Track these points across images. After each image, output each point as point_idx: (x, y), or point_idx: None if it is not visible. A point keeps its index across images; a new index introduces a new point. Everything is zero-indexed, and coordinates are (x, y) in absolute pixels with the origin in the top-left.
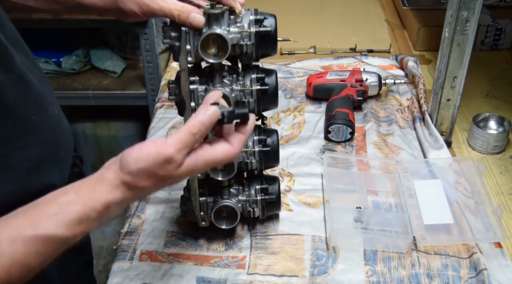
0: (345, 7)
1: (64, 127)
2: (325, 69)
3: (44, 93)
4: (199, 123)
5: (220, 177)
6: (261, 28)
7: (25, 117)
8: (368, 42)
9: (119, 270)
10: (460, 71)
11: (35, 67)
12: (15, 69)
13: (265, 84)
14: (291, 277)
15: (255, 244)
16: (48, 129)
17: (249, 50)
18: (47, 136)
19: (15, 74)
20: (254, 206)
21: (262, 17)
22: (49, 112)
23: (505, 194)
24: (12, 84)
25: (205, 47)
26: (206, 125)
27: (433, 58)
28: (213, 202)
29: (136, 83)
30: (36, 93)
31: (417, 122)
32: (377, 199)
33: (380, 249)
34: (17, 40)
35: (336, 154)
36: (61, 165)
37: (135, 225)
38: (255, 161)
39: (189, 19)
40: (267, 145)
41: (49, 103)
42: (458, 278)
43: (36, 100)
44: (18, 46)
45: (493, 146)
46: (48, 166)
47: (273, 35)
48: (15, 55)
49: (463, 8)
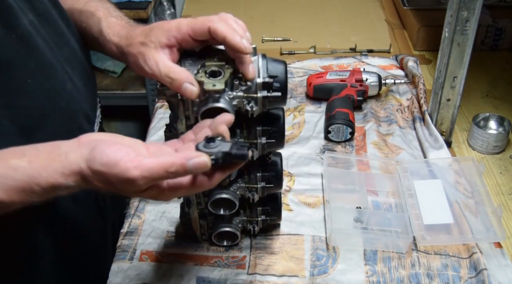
0: (345, 7)
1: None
2: (325, 69)
3: (55, 65)
4: (180, 166)
5: (221, 212)
6: (270, 93)
7: (17, 78)
8: (368, 42)
9: (119, 270)
10: (460, 71)
11: (64, 45)
12: (18, 29)
13: (272, 136)
14: (291, 277)
15: (255, 244)
16: (45, 98)
17: (255, 113)
18: (41, 104)
19: (16, 33)
20: (255, 224)
21: (271, 80)
22: (53, 83)
23: (505, 194)
24: (10, 42)
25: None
26: (188, 171)
27: (433, 58)
28: (213, 224)
29: (136, 83)
30: (42, 60)
31: (417, 122)
32: (377, 199)
33: (380, 249)
34: (49, 15)
35: (336, 154)
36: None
37: (135, 225)
38: (257, 196)
39: (181, 90)
40: (271, 181)
41: (59, 75)
42: (458, 278)
43: (38, 66)
44: (47, 20)
45: (493, 146)
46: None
47: (283, 94)
48: (22, 16)
49: (463, 8)
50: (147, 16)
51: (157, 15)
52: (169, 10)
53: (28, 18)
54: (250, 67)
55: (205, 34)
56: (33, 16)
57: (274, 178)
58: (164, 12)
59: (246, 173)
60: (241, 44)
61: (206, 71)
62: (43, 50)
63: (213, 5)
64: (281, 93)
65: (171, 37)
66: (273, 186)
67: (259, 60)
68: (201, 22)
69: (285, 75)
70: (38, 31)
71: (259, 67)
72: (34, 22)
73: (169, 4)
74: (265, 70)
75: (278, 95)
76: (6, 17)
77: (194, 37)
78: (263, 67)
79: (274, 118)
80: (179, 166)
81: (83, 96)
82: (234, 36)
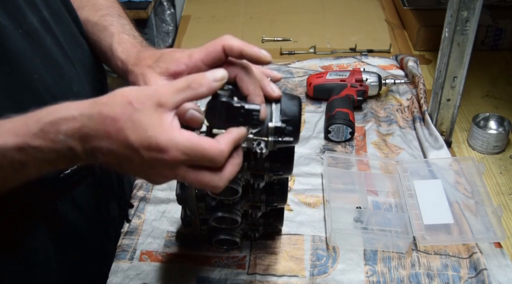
0: (345, 7)
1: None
2: (325, 69)
3: (63, 65)
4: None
5: (223, 226)
6: (282, 138)
7: (23, 72)
8: (368, 42)
9: (119, 270)
10: (460, 71)
11: (77, 46)
12: (24, 24)
13: (280, 169)
14: (291, 277)
15: (255, 244)
16: (49, 96)
17: (264, 155)
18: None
19: (22, 29)
20: (256, 232)
21: (283, 125)
22: (59, 82)
23: (505, 194)
24: (17, 35)
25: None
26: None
27: (433, 58)
28: (213, 229)
29: None
30: (49, 58)
31: (417, 122)
32: (377, 199)
33: (380, 249)
34: (63, 16)
35: (336, 154)
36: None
37: (135, 225)
38: (260, 213)
39: (185, 117)
40: (276, 200)
41: (66, 76)
42: (458, 278)
43: (44, 64)
44: (61, 22)
45: (493, 146)
46: None
47: (296, 139)
48: (29, 12)
49: (463, 8)
50: (147, 16)
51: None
52: (169, 10)
53: (41, 15)
54: (272, 86)
55: (220, 55)
56: (48, 13)
57: (280, 198)
58: (164, 12)
59: (251, 192)
60: (260, 53)
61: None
62: (51, 48)
63: (213, 5)
64: (293, 138)
65: (181, 63)
66: (277, 204)
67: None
68: (213, 43)
69: (299, 117)
70: (49, 29)
71: (272, 110)
72: (46, 20)
73: (169, 4)
74: (278, 113)
75: (290, 140)
76: (12, 11)
77: (207, 61)
78: (276, 109)
79: (284, 154)
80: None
81: (82, 83)
82: (251, 47)
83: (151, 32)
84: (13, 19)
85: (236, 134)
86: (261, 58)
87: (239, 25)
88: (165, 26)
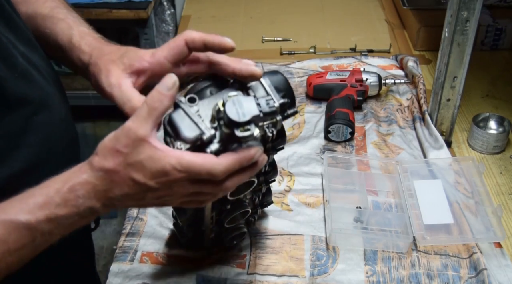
0: (345, 7)
1: (69, 133)
2: (325, 69)
3: (52, 94)
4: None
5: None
6: (288, 112)
7: (25, 116)
8: (368, 42)
9: (119, 271)
10: (460, 71)
11: (49, 68)
12: (18, 67)
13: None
14: (291, 277)
15: (255, 244)
16: (49, 132)
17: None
18: (47, 139)
19: (18, 72)
20: (256, 215)
21: (286, 100)
22: (54, 114)
23: (505, 194)
24: (14, 82)
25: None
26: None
27: (433, 58)
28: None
29: None
30: (42, 93)
31: (417, 122)
32: (377, 199)
33: (380, 249)
34: (32, 42)
35: (336, 154)
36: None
37: (137, 227)
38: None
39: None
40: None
41: (57, 106)
42: (458, 278)
43: (40, 101)
44: (32, 48)
45: (493, 146)
46: (43, 169)
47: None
48: (17, 54)
49: (463, 8)
50: (147, 16)
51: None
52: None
53: (20, 51)
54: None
55: (182, 49)
56: (22, 47)
57: (274, 171)
58: (164, 12)
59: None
60: (223, 40)
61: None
62: (40, 82)
63: (213, 5)
64: (295, 108)
65: (145, 61)
66: (274, 178)
67: (266, 81)
68: (175, 39)
69: (288, 85)
70: (30, 62)
71: (269, 91)
72: (25, 54)
73: (169, 4)
74: (274, 90)
75: (296, 111)
76: (5, 57)
77: (170, 57)
78: (271, 88)
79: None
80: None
81: (69, 113)
82: (212, 36)
83: (151, 32)
84: (8, 66)
85: (242, 156)
86: (225, 45)
87: (239, 25)
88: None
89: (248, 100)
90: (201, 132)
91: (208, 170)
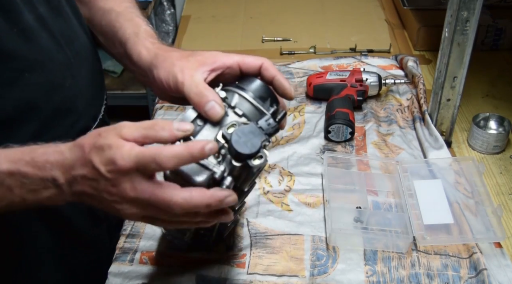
0: (345, 7)
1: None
2: (325, 69)
3: (57, 61)
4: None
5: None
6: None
7: (14, 70)
8: (368, 42)
9: (119, 272)
10: (460, 71)
11: (75, 40)
12: (20, 23)
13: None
14: (291, 277)
15: (255, 243)
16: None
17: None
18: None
19: (18, 28)
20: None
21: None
22: (51, 78)
23: (505, 194)
24: (11, 35)
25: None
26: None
27: (433, 58)
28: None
29: (136, 83)
30: (43, 55)
31: (417, 122)
32: (377, 199)
33: (380, 249)
34: (60, 8)
35: (336, 154)
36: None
37: (137, 228)
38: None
39: (206, 107)
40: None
41: (59, 72)
42: (458, 278)
43: (37, 61)
44: (58, 13)
45: (493, 146)
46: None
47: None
48: (25, 11)
49: (463, 8)
50: (147, 16)
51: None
52: (169, 10)
53: (36, 11)
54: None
55: (255, 69)
56: (46, 9)
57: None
58: (164, 12)
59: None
60: (289, 87)
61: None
62: (46, 45)
63: (213, 5)
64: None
65: (220, 61)
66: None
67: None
68: (253, 57)
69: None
70: (46, 25)
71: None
72: (43, 16)
73: (169, 4)
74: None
75: (284, 113)
76: (8, 11)
77: (243, 66)
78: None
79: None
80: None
81: (85, 94)
82: (283, 78)
83: None
84: (9, 19)
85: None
86: (288, 92)
87: (239, 25)
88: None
89: (250, 128)
90: (212, 172)
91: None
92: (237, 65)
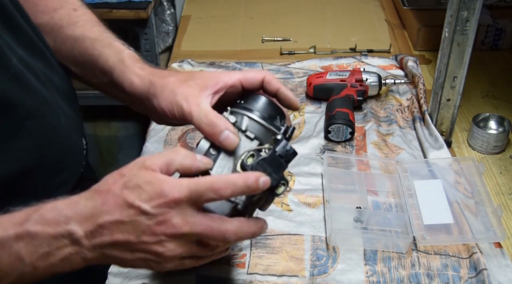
0: (345, 7)
1: (68, 142)
2: (325, 69)
3: (50, 101)
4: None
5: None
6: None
7: (15, 119)
8: (368, 42)
9: (119, 272)
10: (460, 71)
11: (53, 74)
12: (11, 68)
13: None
14: (291, 277)
15: (255, 243)
16: (43, 139)
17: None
18: (40, 146)
19: (10, 74)
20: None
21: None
22: (49, 121)
23: (505, 194)
24: (5, 83)
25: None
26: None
27: (433, 58)
28: None
29: None
30: (37, 98)
31: (417, 122)
32: (377, 199)
33: (380, 249)
34: (36, 47)
35: (336, 154)
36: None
37: None
38: None
39: (220, 137)
40: None
41: (54, 112)
42: (458, 278)
43: (34, 106)
44: (35, 53)
45: (493, 146)
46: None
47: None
48: (11, 54)
49: (463, 8)
50: (147, 16)
51: (157, 15)
52: (169, 10)
53: (17, 54)
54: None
55: (257, 84)
56: (22, 50)
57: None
58: (164, 12)
59: None
60: (294, 98)
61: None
62: (36, 87)
63: (213, 5)
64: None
65: (221, 81)
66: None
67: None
68: (254, 71)
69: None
70: (28, 66)
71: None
72: (23, 58)
73: (169, 4)
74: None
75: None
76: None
77: (244, 83)
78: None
79: None
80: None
81: (74, 125)
82: (287, 89)
83: (151, 32)
84: (1, 66)
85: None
86: (293, 103)
87: (239, 25)
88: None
89: (271, 158)
90: (235, 204)
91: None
92: (239, 82)
